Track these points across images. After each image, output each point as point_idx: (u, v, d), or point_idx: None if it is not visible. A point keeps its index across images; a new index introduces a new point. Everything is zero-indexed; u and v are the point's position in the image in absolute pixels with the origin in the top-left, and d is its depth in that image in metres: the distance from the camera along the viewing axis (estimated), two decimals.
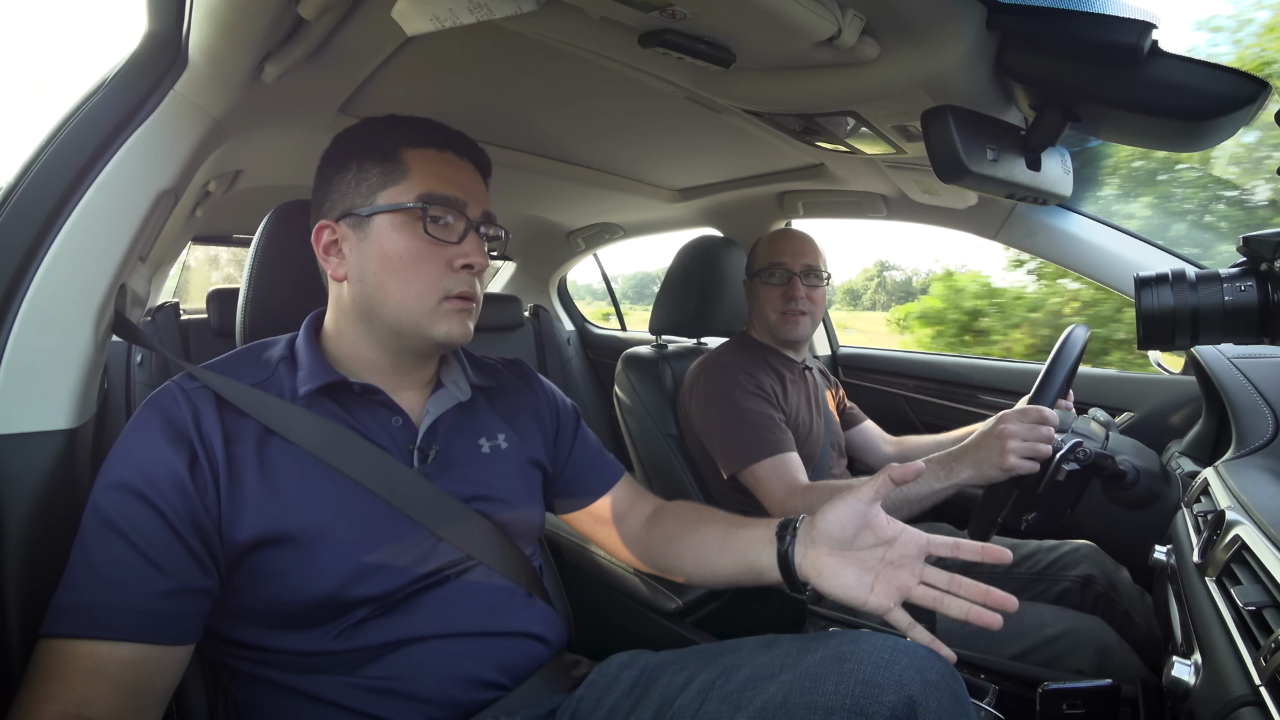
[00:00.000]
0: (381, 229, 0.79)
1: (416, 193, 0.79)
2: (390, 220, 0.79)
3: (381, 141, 0.81)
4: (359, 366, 0.84)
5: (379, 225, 0.79)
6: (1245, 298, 0.76)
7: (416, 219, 0.79)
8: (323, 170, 0.85)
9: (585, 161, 1.83)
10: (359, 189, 0.80)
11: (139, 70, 0.82)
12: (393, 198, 0.79)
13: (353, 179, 0.81)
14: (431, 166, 0.81)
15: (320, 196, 0.84)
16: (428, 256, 0.79)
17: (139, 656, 0.65)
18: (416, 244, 0.79)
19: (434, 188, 0.80)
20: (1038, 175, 1.04)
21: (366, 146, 0.82)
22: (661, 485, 1.59)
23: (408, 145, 0.81)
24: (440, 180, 0.81)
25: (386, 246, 0.78)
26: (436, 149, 0.82)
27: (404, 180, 0.80)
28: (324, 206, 0.83)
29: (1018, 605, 0.69)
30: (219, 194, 1.68)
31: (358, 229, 0.80)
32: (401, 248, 0.78)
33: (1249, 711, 0.51)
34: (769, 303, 1.51)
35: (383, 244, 0.79)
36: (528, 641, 0.85)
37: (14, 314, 0.70)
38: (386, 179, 0.80)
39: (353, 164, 0.81)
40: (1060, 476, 1.06)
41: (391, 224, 0.79)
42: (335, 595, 0.73)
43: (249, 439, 0.75)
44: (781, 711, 0.60)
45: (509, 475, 0.91)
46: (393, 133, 0.82)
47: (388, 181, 0.80)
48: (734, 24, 0.85)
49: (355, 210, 0.80)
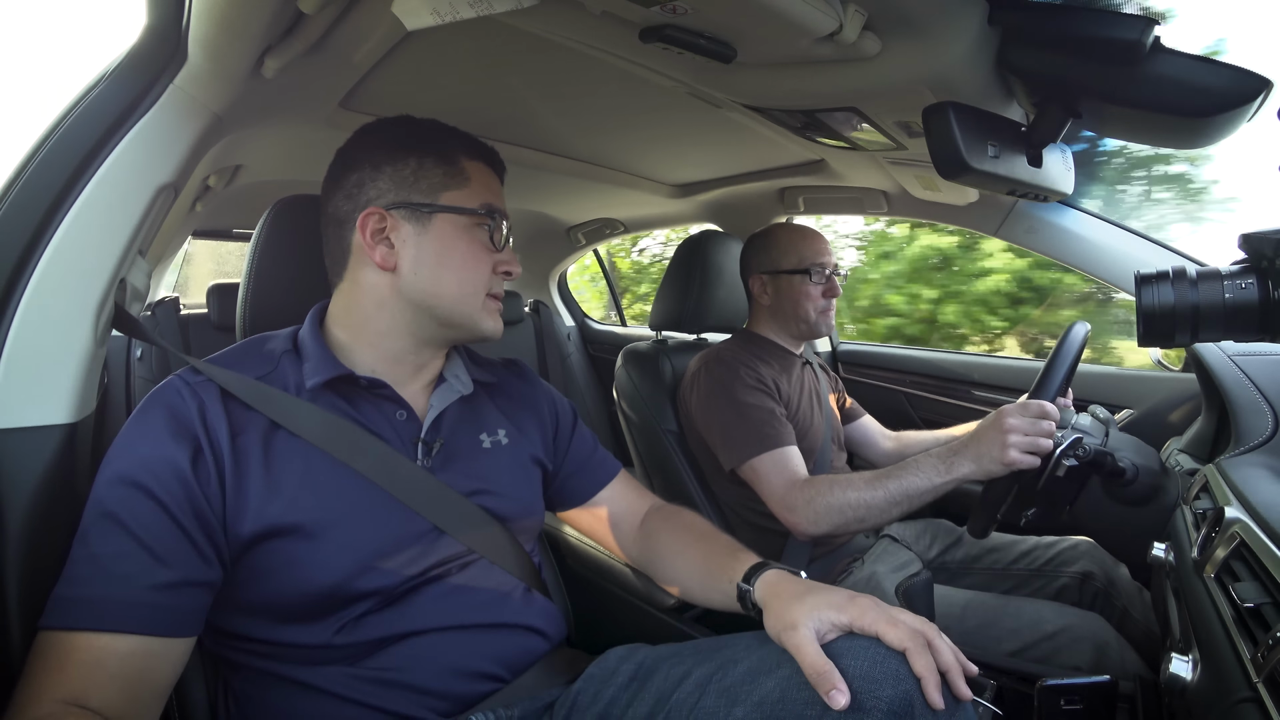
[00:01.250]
0: (445, 226, 0.83)
1: (479, 201, 0.85)
2: (455, 221, 0.84)
3: (441, 144, 0.86)
4: (370, 358, 0.85)
5: (442, 222, 0.83)
6: (1246, 295, 0.76)
7: (480, 225, 0.85)
8: (362, 157, 0.85)
9: (586, 157, 1.83)
10: (418, 184, 0.83)
11: (138, 64, 0.82)
12: (457, 200, 0.84)
13: (412, 174, 0.83)
14: (485, 180, 0.88)
15: (359, 180, 0.84)
16: (482, 259, 0.85)
17: (139, 649, 0.65)
18: (474, 247, 0.85)
19: (491, 200, 0.87)
20: (1039, 172, 1.04)
21: (426, 145, 0.85)
22: (661, 481, 1.59)
23: (466, 155, 0.87)
24: (493, 194, 0.88)
25: (449, 245, 0.83)
26: (486, 163, 0.89)
27: (466, 187, 0.85)
28: (367, 193, 0.84)
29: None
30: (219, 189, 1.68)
31: (415, 221, 0.83)
32: (464, 248, 0.84)
33: (1247, 708, 0.51)
34: (810, 300, 1.51)
35: (444, 240, 0.83)
36: (527, 635, 0.85)
37: (14, 309, 0.70)
38: (449, 181, 0.84)
39: (412, 159, 0.84)
40: (1060, 473, 1.06)
41: (455, 224, 0.84)
42: (338, 589, 0.73)
43: (255, 432, 0.75)
44: (779, 706, 0.60)
45: (510, 470, 0.91)
46: (452, 139, 0.87)
47: (450, 184, 0.84)
48: (735, 19, 0.85)
49: (414, 202, 0.82)
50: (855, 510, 1.19)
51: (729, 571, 0.82)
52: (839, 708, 0.57)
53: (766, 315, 1.59)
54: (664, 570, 0.95)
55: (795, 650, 0.63)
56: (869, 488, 1.19)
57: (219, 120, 0.92)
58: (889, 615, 0.65)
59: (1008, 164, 0.99)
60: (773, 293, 1.55)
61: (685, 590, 0.92)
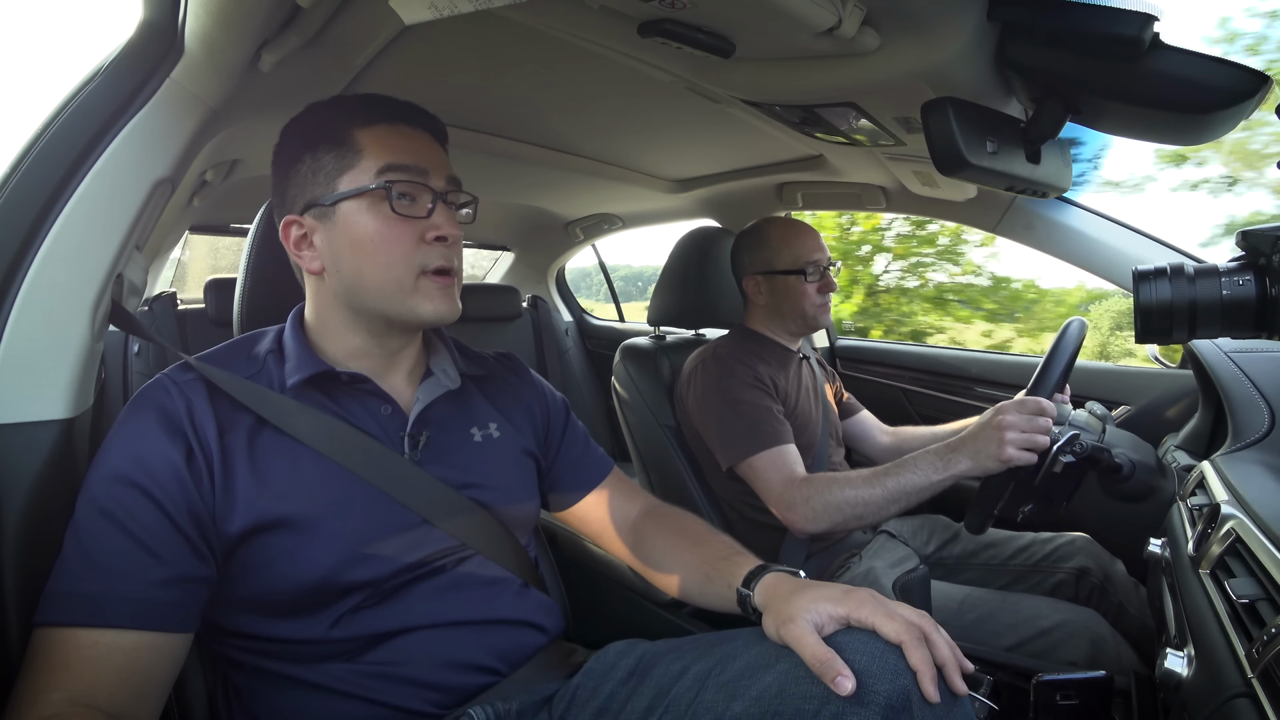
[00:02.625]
0: (348, 215, 0.78)
1: (374, 170, 0.78)
2: (355, 204, 0.78)
3: (329, 126, 0.80)
4: (345, 355, 0.84)
5: (344, 211, 0.79)
6: (1243, 292, 0.76)
7: (381, 198, 0.78)
8: (277, 166, 0.84)
9: (584, 152, 1.82)
10: (316, 179, 0.80)
11: (135, 58, 0.82)
12: (353, 181, 0.78)
13: (308, 170, 0.80)
14: (385, 140, 0.80)
15: (280, 193, 0.84)
16: (399, 233, 0.78)
17: (142, 645, 0.65)
18: (385, 223, 0.78)
19: (392, 159, 0.79)
20: (1037, 168, 1.04)
21: (315, 134, 0.81)
22: (659, 477, 1.59)
23: (357, 125, 0.80)
24: (397, 151, 0.79)
25: (356, 231, 0.78)
26: (387, 123, 0.81)
27: (360, 161, 0.78)
28: (285, 202, 0.83)
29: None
30: (216, 183, 1.67)
31: (324, 219, 0.80)
32: (371, 230, 0.78)
33: (1241, 703, 0.51)
34: (806, 297, 1.51)
35: (351, 229, 0.78)
36: (523, 629, 0.85)
37: (10, 304, 0.70)
38: (342, 163, 0.79)
39: (305, 155, 0.81)
40: (1057, 469, 1.06)
41: (357, 208, 0.78)
42: (328, 580, 0.73)
43: (241, 430, 0.75)
44: (777, 700, 0.60)
45: (502, 464, 0.91)
46: (339, 115, 0.81)
47: (343, 166, 0.79)
48: (734, 14, 0.85)
49: (318, 201, 0.79)
50: (853, 508, 1.20)
51: (727, 576, 0.82)
52: (845, 693, 0.57)
53: (763, 314, 1.58)
54: (661, 573, 0.95)
55: (795, 642, 0.63)
56: (866, 485, 1.19)
57: (216, 114, 0.92)
58: (886, 608, 0.65)
59: (1006, 160, 0.99)
60: (768, 293, 1.55)
61: (684, 593, 0.92)
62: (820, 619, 0.65)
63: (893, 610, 0.65)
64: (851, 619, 0.65)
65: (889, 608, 0.65)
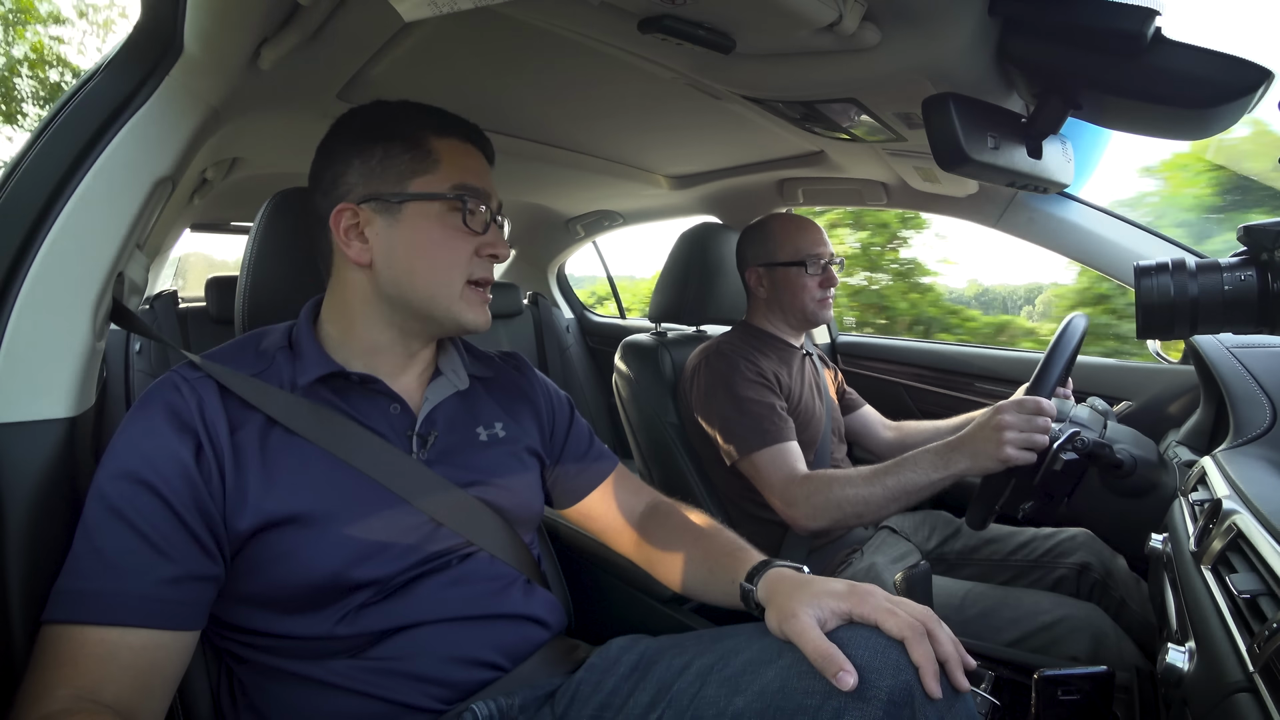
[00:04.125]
0: (415, 216, 0.80)
1: (450, 183, 0.81)
2: (424, 208, 0.80)
3: (406, 127, 0.82)
4: (361, 352, 0.84)
5: (412, 212, 0.80)
6: (1245, 287, 0.76)
7: (453, 210, 0.81)
8: (336, 151, 0.83)
9: (584, 148, 1.82)
10: (386, 174, 0.80)
11: (134, 57, 0.82)
12: (426, 186, 0.80)
13: (379, 163, 0.81)
14: (459, 158, 0.83)
15: (333, 177, 0.83)
16: (459, 245, 0.82)
17: (150, 643, 0.66)
18: (450, 233, 0.81)
19: (466, 179, 0.82)
20: (1039, 163, 1.03)
21: (390, 130, 0.81)
22: (661, 473, 1.59)
23: (435, 134, 0.82)
24: (468, 172, 0.83)
25: (420, 234, 0.80)
26: (460, 139, 0.84)
27: (435, 170, 0.81)
28: (340, 188, 0.82)
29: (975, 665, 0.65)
30: (217, 181, 1.67)
31: (386, 214, 0.80)
32: (437, 236, 0.81)
33: (1243, 698, 0.51)
34: (808, 291, 1.51)
35: (416, 231, 0.80)
36: (527, 625, 0.85)
37: (12, 303, 0.70)
38: (417, 166, 0.81)
39: (377, 148, 0.81)
40: (1058, 465, 1.06)
41: (425, 212, 0.80)
42: (336, 578, 0.74)
43: (253, 428, 0.75)
44: (779, 696, 0.60)
45: (507, 462, 0.91)
46: (417, 119, 0.83)
47: (418, 170, 0.81)
48: (734, 10, 0.85)
49: (383, 195, 0.80)
50: (853, 506, 1.20)
51: (731, 571, 0.83)
52: (847, 688, 0.57)
53: (764, 308, 1.58)
54: (664, 569, 0.95)
55: (797, 637, 0.63)
56: (867, 484, 1.19)
57: (216, 112, 0.92)
58: (888, 604, 0.65)
59: (1008, 155, 0.98)
60: (769, 285, 1.55)
61: (687, 588, 0.92)
62: (823, 614, 0.65)
63: (895, 606, 0.65)
64: (854, 614, 0.65)
65: (891, 603, 0.65)
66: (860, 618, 0.65)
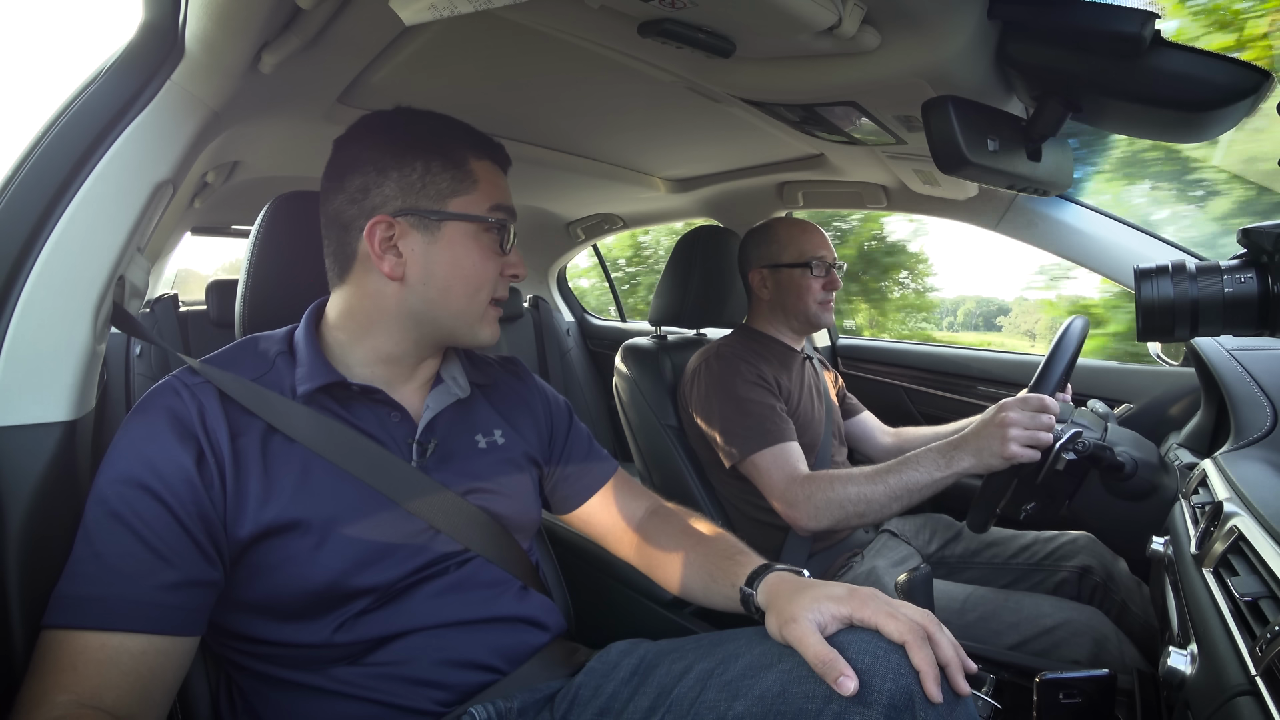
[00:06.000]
0: (454, 235, 0.81)
1: (488, 205, 0.82)
2: (464, 229, 0.81)
3: (448, 144, 0.82)
4: (368, 360, 0.84)
5: (451, 231, 0.81)
6: (1245, 289, 0.76)
7: (489, 231, 0.83)
8: (367, 158, 0.81)
9: (584, 152, 1.82)
10: (426, 190, 0.80)
11: (135, 60, 0.82)
12: (465, 206, 0.81)
13: (419, 179, 0.80)
14: (493, 179, 0.85)
15: (364, 184, 0.80)
16: (490, 266, 0.83)
17: (150, 648, 0.65)
18: (485, 255, 0.83)
19: (500, 200, 0.84)
20: (1038, 166, 1.04)
21: (430, 146, 0.81)
22: (661, 476, 1.59)
23: (473, 154, 0.83)
24: (502, 193, 0.85)
25: (459, 254, 0.81)
26: (493, 161, 0.86)
27: (475, 190, 0.82)
28: (373, 198, 0.80)
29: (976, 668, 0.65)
30: (217, 185, 1.67)
31: (424, 230, 0.80)
32: (476, 256, 0.82)
33: (1245, 701, 0.51)
34: (811, 293, 1.52)
35: (454, 250, 0.81)
36: (524, 627, 0.85)
37: (12, 306, 0.70)
38: (457, 186, 0.81)
39: (418, 163, 0.80)
40: (1059, 466, 1.06)
41: (465, 232, 0.81)
42: (334, 585, 0.74)
43: (253, 434, 0.75)
44: (780, 700, 0.60)
45: (505, 470, 0.91)
46: (456, 137, 0.84)
47: (459, 189, 0.81)
48: (734, 13, 0.85)
49: (422, 210, 0.80)
50: (855, 505, 1.20)
51: (731, 575, 0.83)
52: (848, 694, 0.57)
53: (766, 310, 1.59)
54: (664, 573, 0.95)
55: (798, 642, 0.63)
56: (869, 483, 1.19)
57: (217, 116, 0.92)
58: (889, 608, 0.65)
59: (1007, 158, 0.99)
60: (772, 287, 1.55)
61: (687, 592, 0.92)
62: (823, 618, 0.65)
63: (896, 610, 0.65)
64: (854, 618, 0.65)
65: (892, 607, 0.65)
66: (861, 621, 0.65)
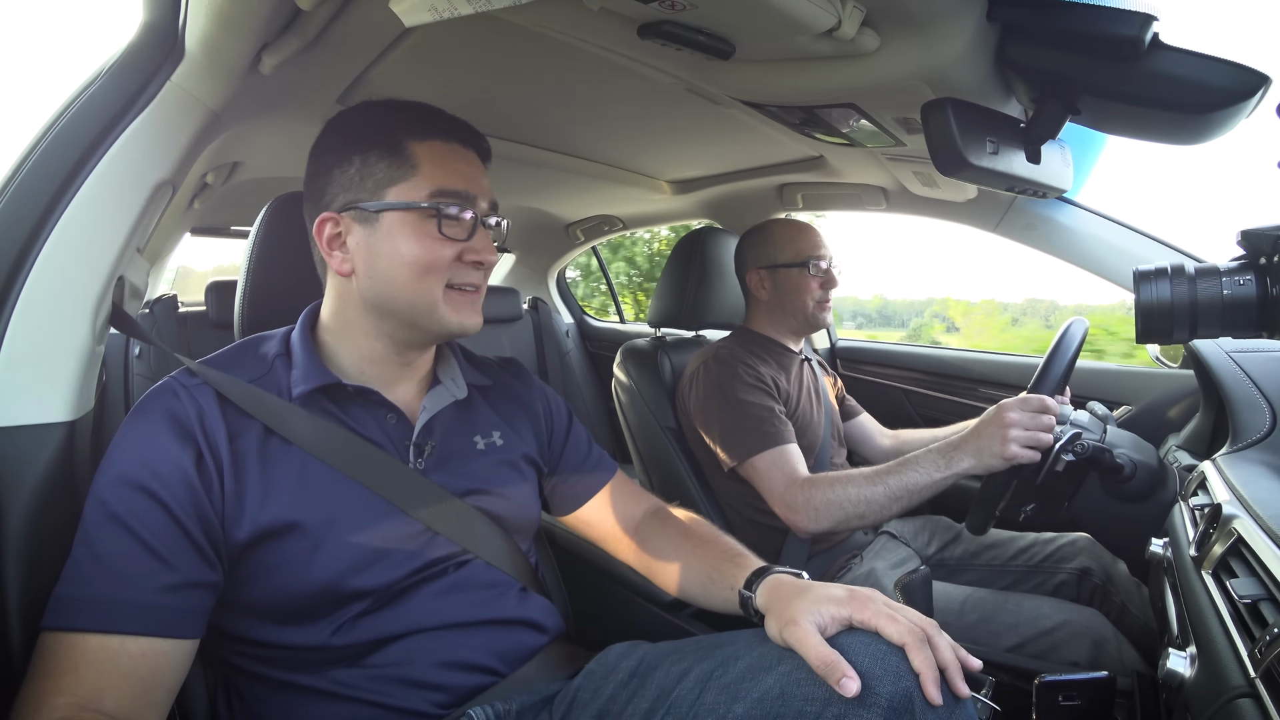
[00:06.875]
0: (392, 226, 0.78)
1: (428, 190, 0.78)
2: (401, 217, 0.78)
3: (385, 133, 0.79)
4: (358, 360, 0.84)
5: (389, 222, 0.78)
6: (1244, 292, 0.76)
7: (429, 218, 0.78)
8: (320, 159, 0.82)
9: (584, 154, 1.82)
10: (364, 183, 0.79)
11: (135, 61, 0.82)
12: (403, 195, 0.78)
13: (356, 172, 0.79)
14: (440, 159, 0.80)
15: (319, 186, 0.82)
16: (440, 253, 0.78)
17: (150, 650, 0.65)
18: (428, 242, 0.78)
19: (445, 183, 0.79)
20: (1037, 168, 1.04)
21: (369, 137, 0.80)
22: (660, 478, 1.59)
23: (414, 137, 0.79)
24: (450, 174, 0.79)
25: (399, 244, 0.77)
26: (443, 140, 0.81)
27: (413, 176, 0.78)
28: (324, 198, 0.81)
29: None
30: (217, 185, 1.67)
31: (365, 223, 0.79)
32: (415, 246, 0.77)
33: (1244, 703, 0.51)
34: (809, 293, 1.52)
35: (394, 241, 0.78)
36: (523, 629, 0.85)
37: (11, 307, 0.70)
38: (394, 174, 0.78)
39: (355, 157, 0.79)
40: (1059, 468, 1.06)
41: (403, 221, 0.78)
42: (332, 587, 0.73)
43: (251, 436, 0.75)
44: (779, 703, 0.60)
45: (504, 471, 0.91)
46: (396, 123, 0.80)
47: (395, 177, 0.78)
48: (734, 15, 0.85)
49: (361, 204, 0.78)
50: (855, 506, 1.20)
51: (730, 578, 0.83)
52: (851, 694, 0.57)
53: (764, 311, 1.59)
54: (663, 575, 0.95)
55: (799, 644, 0.63)
56: (869, 484, 1.19)
57: (216, 117, 0.92)
58: (889, 610, 0.65)
59: (1006, 160, 0.99)
60: (770, 287, 1.55)
61: (686, 595, 0.92)
62: (823, 620, 0.65)
63: (896, 612, 0.65)
64: (854, 620, 0.65)
65: (892, 609, 0.65)
66: (860, 623, 0.65)
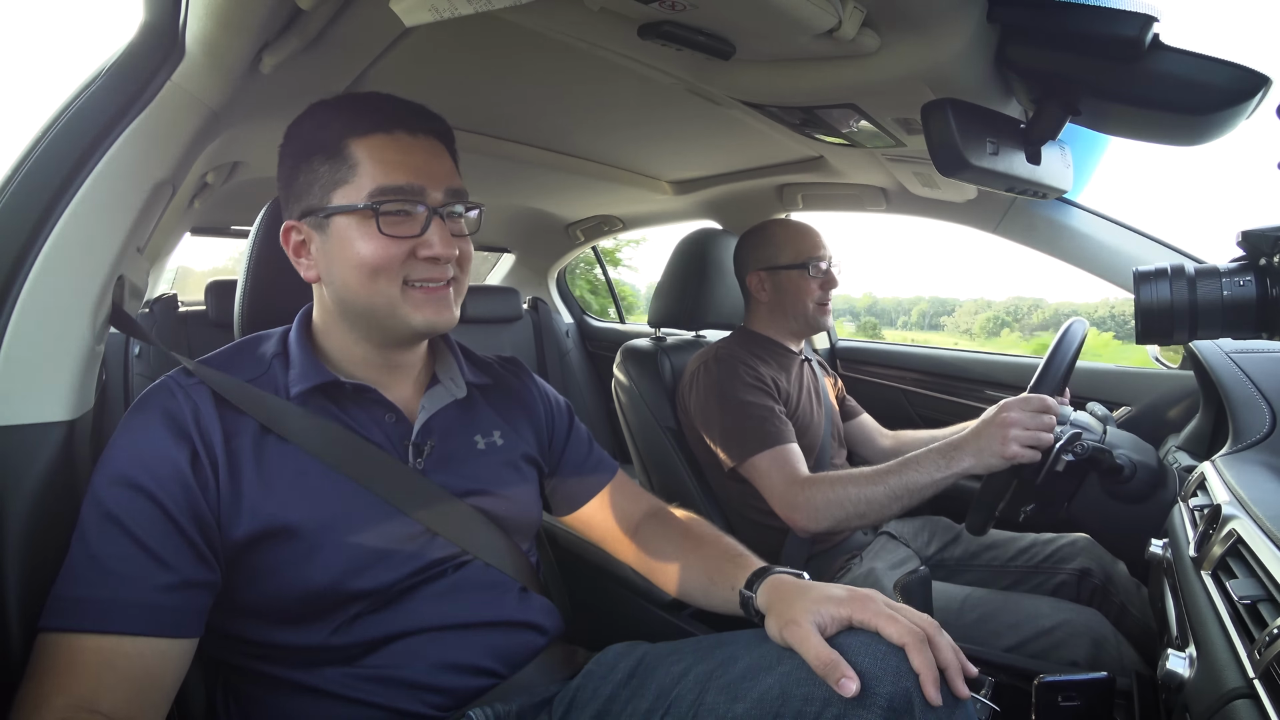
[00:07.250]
0: (340, 229, 0.76)
1: (367, 190, 0.75)
2: (347, 220, 0.76)
3: (324, 135, 0.77)
4: (350, 361, 0.84)
5: (337, 225, 0.77)
6: (1244, 292, 0.76)
7: (370, 218, 0.75)
8: (280, 168, 0.82)
9: (584, 154, 1.82)
10: (313, 189, 0.78)
11: (136, 61, 0.82)
12: (345, 197, 0.76)
13: (303, 180, 0.78)
14: (380, 155, 0.76)
15: (283, 195, 0.83)
16: (389, 252, 0.75)
17: (147, 650, 0.65)
18: (375, 243, 0.75)
19: (384, 180, 0.75)
20: (1038, 169, 1.04)
21: (314, 142, 0.78)
22: (660, 479, 1.59)
23: (353, 135, 0.76)
24: (391, 169, 0.76)
25: (348, 248, 0.76)
26: (384, 133, 0.77)
27: (353, 178, 0.76)
28: (286, 205, 0.82)
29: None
30: (217, 185, 1.67)
31: (319, 229, 0.78)
32: (362, 248, 0.75)
33: (1243, 704, 0.51)
34: (809, 294, 1.52)
35: (344, 245, 0.76)
36: (523, 630, 0.85)
37: (11, 306, 0.70)
38: (336, 176, 0.76)
39: (301, 164, 0.79)
40: (1059, 468, 1.06)
41: (349, 224, 0.76)
42: (332, 589, 0.73)
43: (247, 435, 0.75)
44: (779, 702, 0.60)
45: (504, 471, 0.91)
46: (335, 123, 0.77)
47: (338, 179, 0.76)
48: (734, 16, 0.85)
49: (314, 210, 0.78)
50: (856, 506, 1.19)
51: (730, 578, 0.82)
52: (850, 695, 0.57)
53: (765, 312, 1.58)
54: (664, 576, 0.95)
55: (799, 644, 0.63)
56: (869, 483, 1.19)
57: (216, 117, 0.92)
58: (889, 610, 0.65)
59: (1007, 161, 0.99)
60: (771, 289, 1.55)
61: (686, 595, 0.92)
62: (823, 620, 0.65)
63: (895, 612, 0.65)
64: (854, 620, 0.65)
65: (892, 609, 0.65)
66: (860, 623, 0.65)
